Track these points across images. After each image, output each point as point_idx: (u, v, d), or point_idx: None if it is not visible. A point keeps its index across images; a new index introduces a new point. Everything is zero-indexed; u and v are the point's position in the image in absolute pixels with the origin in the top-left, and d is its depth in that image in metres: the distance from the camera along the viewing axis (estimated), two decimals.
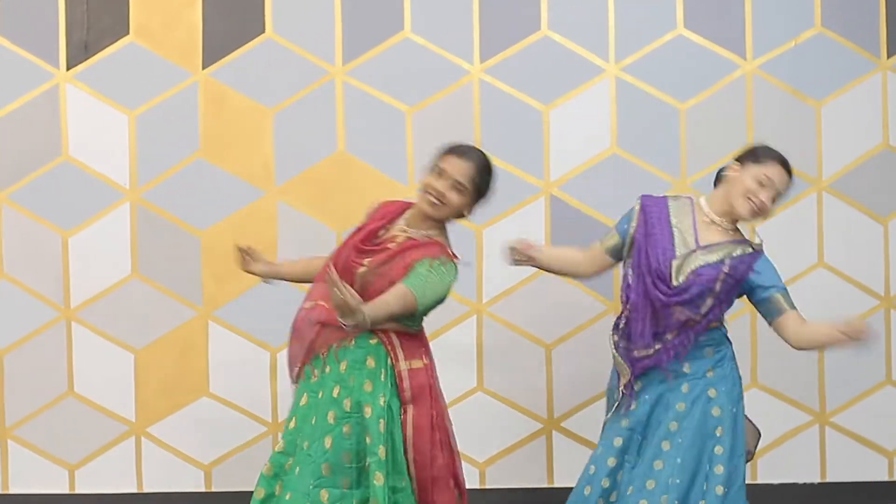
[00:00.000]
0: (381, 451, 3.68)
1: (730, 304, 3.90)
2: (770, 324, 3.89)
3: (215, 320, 5.01)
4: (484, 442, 5.03)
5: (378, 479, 3.67)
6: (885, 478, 5.11)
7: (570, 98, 5.01)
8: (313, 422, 3.76)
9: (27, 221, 5.01)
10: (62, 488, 5.05)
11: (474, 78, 5.01)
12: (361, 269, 3.77)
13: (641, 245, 3.88)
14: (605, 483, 3.88)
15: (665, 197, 3.99)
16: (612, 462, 3.89)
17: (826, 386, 5.06)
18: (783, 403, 5.06)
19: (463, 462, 4.71)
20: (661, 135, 5.01)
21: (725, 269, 3.82)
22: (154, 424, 5.03)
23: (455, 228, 4.91)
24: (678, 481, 3.80)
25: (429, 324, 4.85)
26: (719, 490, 3.82)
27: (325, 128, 5.01)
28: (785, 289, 3.87)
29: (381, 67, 5.01)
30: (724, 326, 3.95)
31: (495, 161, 4.71)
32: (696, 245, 3.86)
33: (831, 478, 5.08)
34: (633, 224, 3.93)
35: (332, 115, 5.01)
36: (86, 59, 5.02)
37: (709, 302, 3.83)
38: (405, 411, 3.77)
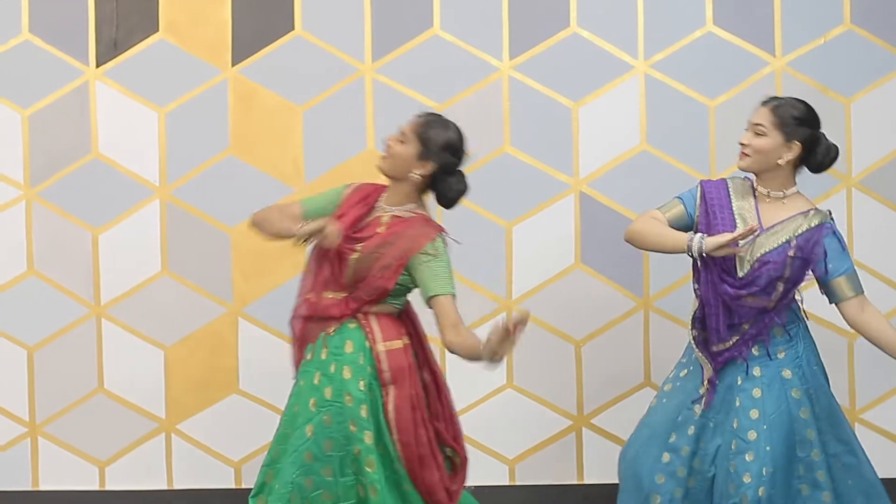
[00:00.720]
0: (368, 436, 3.71)
1: (802, 281, 3.85)
2: (833, 303, 3.89)
3: (245, 317, 5.03)
4: (513, 438, 5.05)
5: (371, 466, 3.70)
6: None
7: (600, 95, 5.02)
8: (296, 410, 3.80)
9: (57, 218, 5.04)
10: (92, 485, 5.08)
11: (503, 75, 5.03)
12: (354, 255, 3.76)
13: (703, 230, 3.86)
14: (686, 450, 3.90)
15: (724, 180, 3.97)
16: (686, 450, 3.90)
17: (856, 382, 5.07)
18: None
19: (493, 458, 4.77)
20: (691, 132, 5.02)
21: (791, 251, 3.79)
22: (184, 421, 5.05)
23: (484, 225, 4.99)
24: (771, 470, 3.77)
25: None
26: (821, 476, 3.83)
27: (354, 125, 5.03)
28: (850, 270, 3.83)
29: (410, 65, 5.03)
30: (797, 303, 3.91)
31: (525, 158, 4.76)
32: (760, 228, 3.81)
33: None
34: (696, 209, 3.90)
35: (362, 113, 5.03)
36: (115, 57, 5.04)
37: (780, 287, 3.81)
38: (386, 393, 3.77)
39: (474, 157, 4.96)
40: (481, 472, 4.80)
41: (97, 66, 5.04)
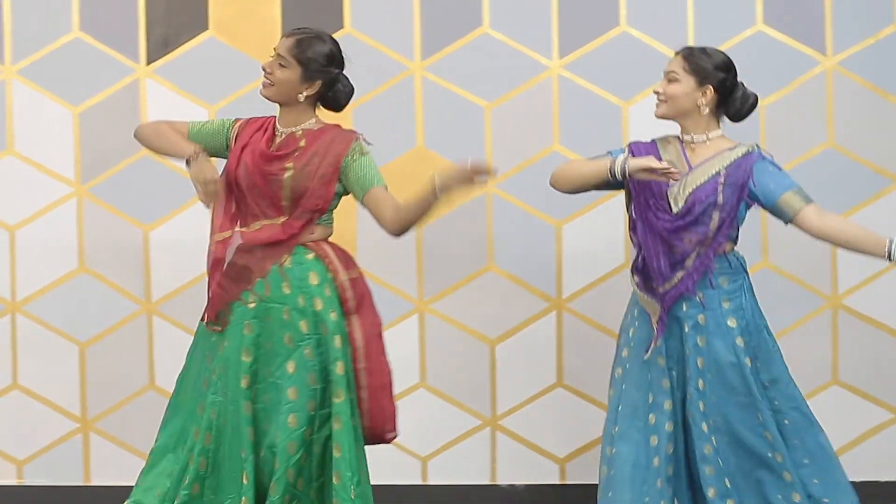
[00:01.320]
0: (339, 366, 3.75)
1: (739, 216, 3.94)
2: (788, 223, 3.98)
3: None
4: (563, 437, 5.07)
5: (339, 396, 3.75)
6: None
7: (650, 94, 4.96)
8: (269, 347, 3.79)
9: (108, 216, 5.08)
10: None
11: (553, 74, 5.04)
12: (288, 174, 3.76)
13: (636, 184, 3.94)
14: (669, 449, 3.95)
15: (653, 140, 4.07)
16: (669, 426, 3.94)
17: None
18: (864, 401, 5.12)
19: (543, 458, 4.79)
20: (740, 131, 4.98)
21: (721, 179, 3.89)
22: None
23: (533, 224, 5.01)
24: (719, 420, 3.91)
25: (507, 321, 4.97)
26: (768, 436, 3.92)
27: (403, 123, 5.06)
28: (795, 184, 3.95)
29: (459, 63, 5.05)
30: (740, 255, 4.02)
31: (575, 157, 4.77)
32: (688, 168, 3.93)
33: None
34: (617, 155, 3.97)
35: (411, 111, 5.05)
36: (165, 54, 5.08)
37: (715, 216, 3.89)
38: (350, 322, 3.81)
39: (524, 155, 5.03)
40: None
41: (147, 63, 5.08)
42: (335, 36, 4.97)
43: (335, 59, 3.88)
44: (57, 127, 5.08)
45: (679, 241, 3.91)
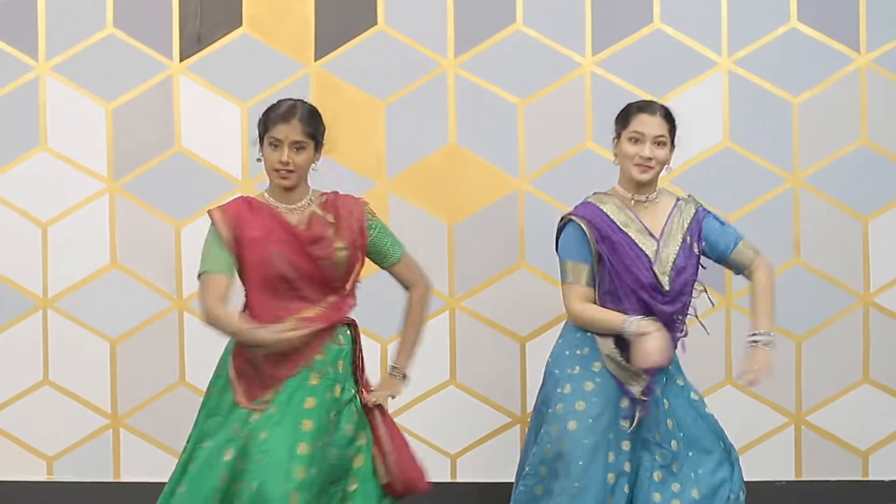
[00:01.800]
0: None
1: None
2: (740, 274, 4.00)
3: None
4: None
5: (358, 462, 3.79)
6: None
7: (683, 91, 5.05)
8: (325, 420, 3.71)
9: (140, 212, 5.09)
10: None
11: (586, 71, 5.05)
12: (342, 254, 3.72)
13: (613, 261, 3.84)
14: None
15: (588, 202, 3.96)
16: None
17: (802, 384, 5.10)
18: (757, 402, 5.10)
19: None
20: (774, 129, 5.04)
21: (692, 245, 3.89)
22: None
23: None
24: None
25: (538, 318, 4.97)
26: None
27: (436, 120, 5.07)
28: (741, 235, 3.97)
29: (492, 60, 5.06)
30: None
31: (607, 154, 4.77)
32: (653, 238, 3.87)
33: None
34: (591, 242, 3.86)
35: (444, 108, 5.07)
36: (199, 51, 5.09)
37: (692, 290, 3.94)
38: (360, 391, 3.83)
39: (556, 152, 5.05)
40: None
41: (181, 60, 5.09)
42: (368, 33, 5.06)
43: (323, 121, 3.84)
44: (90, 123, 5.10)
45: (665, 316, 3.86)
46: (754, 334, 3.87)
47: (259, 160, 3.74)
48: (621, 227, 3.87)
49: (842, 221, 5.05)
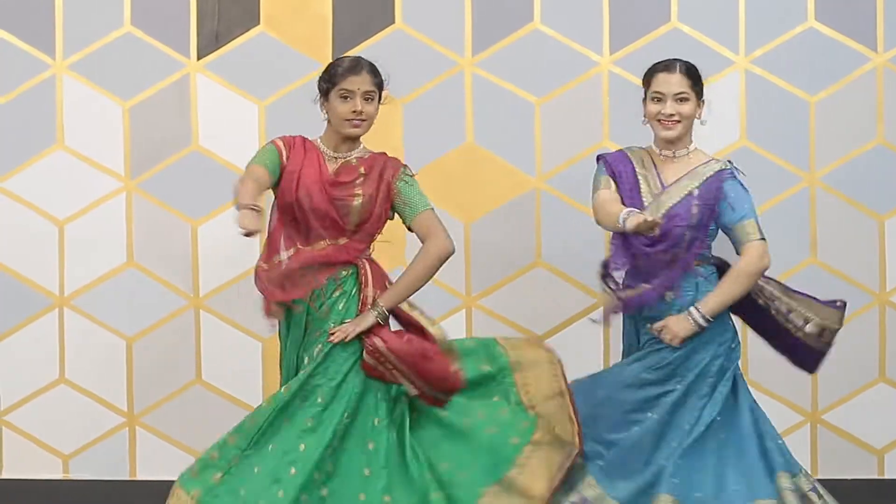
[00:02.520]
0: None
1: (710, 234, 4.02)
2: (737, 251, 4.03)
3: None
4: None
5: None
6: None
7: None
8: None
9: (157, 210, 5.11)
10: None
11: (603, 70, 5.07)
12: (357, 201, 3.92)
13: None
14: None
15: (621, 151, 4.14)
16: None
17: (818, 383, 5.12)
18: (773, 401, 5.10)
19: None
20: (791, 127, 5.06)
21: (696, 199, 3.96)
22: None
23: (581, 220, 5.02)
24: None
25: (555, 317, 4.99)
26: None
27: (453, 119, 5.09)
28: (754, 216, 3.99)
29: (510, 59, 5.09)
30: (712, 266, 4.06)
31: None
32: (661, 187, 4.00)
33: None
34: (611, 180, 4.06)
35: (461, 107, 5.08)
36: (216, 49, 5.11)
37: (688, 235, 3.96)
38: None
39: (573, 151, 5.06)
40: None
41: (198, 58, 5.11)
42: (386, 32, 5.08)
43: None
44: (107, 122, 5.11)
45: (648, 259, 3.98)
46: (694, 308, 3.96)
47: (325, 119, 3.98)
48: (637, 173, 4.04)
49: (858, 220, 5.07)
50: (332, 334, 3.86)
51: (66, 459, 5.17)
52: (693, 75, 4.05)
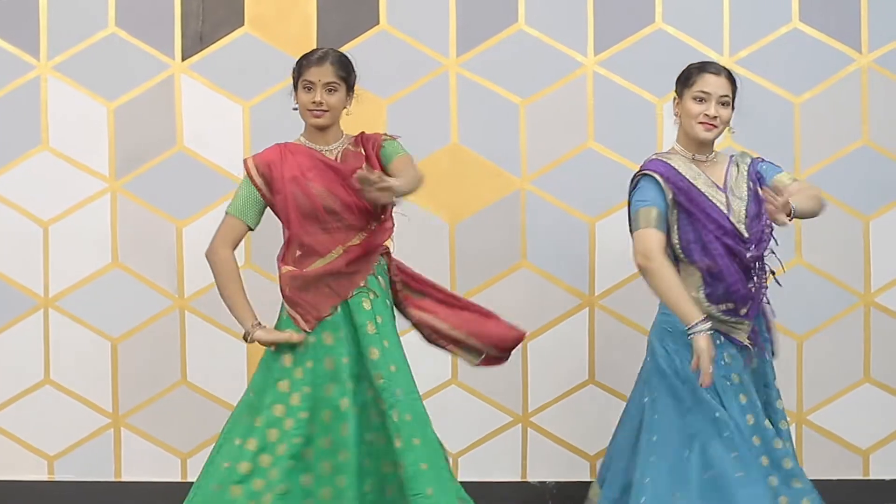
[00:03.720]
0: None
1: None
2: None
3: None
4: (594, 434, 5.10)
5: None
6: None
7: None
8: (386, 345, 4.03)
9: (142, 211, 5.13)
10: (174, 476, 5.18)
11: (588, 70, 5.09)
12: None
13: (691, 210, 3.90)
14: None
15: (656, 159, 4.01)
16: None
17: (803, 383, 5.17)
18: None
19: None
20: (776, 128, 5.08)
21: (757, 193, 3.96)
22: None
23: (567, 220, 5.04)
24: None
25: (540, 317, 5.00)
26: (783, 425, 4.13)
27: (438, 119, 5.12)
28: (783, 170, 4.10)
29: (494, 59, 5.12)
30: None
31: (608, 154, 4.83)
32: (720, 189, 3.96)
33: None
34: (667, 191, 3.91)
35: (446, 107, 5.11)
36: (201, 50, 5.14)
37: (770, 236, 3.98)
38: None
39: (558, 152, 5.09)
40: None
41: (183, 59, 5.13)
42: (371, 33, 5.10)
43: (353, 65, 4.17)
44: (92, 123, 5.14)
45: (747, 263, 3.95)
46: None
47: (295, 108, 4.07)
48: (691, 180, 3.94)
49: (843, 221, 5.10)
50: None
51: (51, 460, 5.19)
52: (734, 81, 4.04)
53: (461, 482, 5.08)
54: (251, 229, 4.12)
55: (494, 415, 5.17)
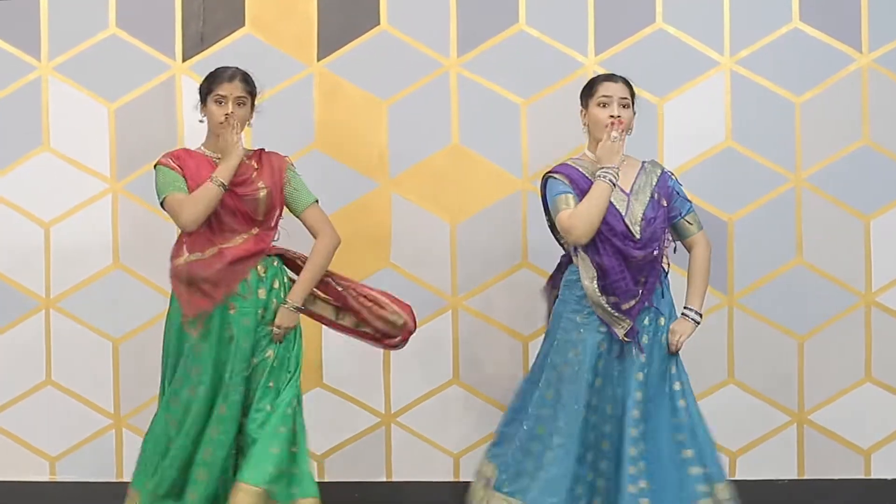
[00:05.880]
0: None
1: (668, 225, 4.27)
2: (683, 244, 4.33)
3: None
4: None
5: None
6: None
7: (685, 91, 5.14)
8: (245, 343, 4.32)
9: (143, 212, 5.18)
10: None
11: (589, 70, 5.14)
12: (263, 193, 4.34)
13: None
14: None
15: (566, 164, 4.30)
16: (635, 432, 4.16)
17: (805, 383, 5.21)
18: (760, 401, 5.20)
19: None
20: (777, 128, 5.13)
21: (656, 199, 4.21)
22: None
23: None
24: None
25: (541, 317, 5.01)
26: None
27: (439, 120, 5.16)
28: (693, 208, 4.31)
29: (495, 60, 5.16)
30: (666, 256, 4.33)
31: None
32: (624, 193, 4.21)
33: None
34: (570, 188, 4.20)
35: (447, 108, 5.15)
36: (202, 51, 5.18)
37: (663, 237, 4.24)
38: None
39: (559, 152, 5.13)
40: None
41: (183, 60, 5.17)
42: (371, 33, 5.14)
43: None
44: (92, 123, 5.19)
45: (638, 262, 4.18)
46: (686, 308, 4.26)
47: (201, 121, 4.38)
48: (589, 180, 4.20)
49: (844, 221, 5.14)
50: (275, 337, 4.33)
51: (52, 461, 5.24)
52: (631, 87, 4.27)
53: (462, 483, 5.17)
54: None
55: (497, 415, 5.19)
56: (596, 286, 4.18)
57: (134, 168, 5.18)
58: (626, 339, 4.18)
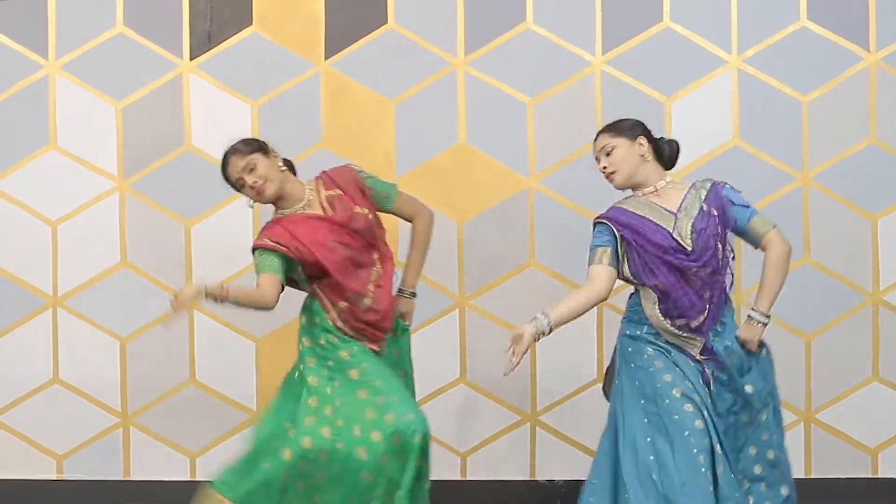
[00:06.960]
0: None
1: (727, 238, 4.17)
2: (757, 247, 4.23)
3: None
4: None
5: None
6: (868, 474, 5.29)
7: (692, 90, 5.15)
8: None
9: (150, 210, 5.20)
10: (183, 475, 5.27)
11: (596, 69, 5.15)
12: (370, 215, 4.26)
13: (636, 240, 4.11)
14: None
15: (613, 206, 4.22)
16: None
17: (812, 382, 5.23)
18: None
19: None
20: (784, 127, 5.14)
21: (706, 210, 4.12)
22: None
23: (574, 219, 5.09)
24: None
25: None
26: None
27: (446, 119, 5.18)
28: (757, 210, 4.20)
29: (502, 59, 5.18)
30: (731, 272, 4.23)
31: None
32: (671, 213, 4.14)
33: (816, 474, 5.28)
34: (616, 231, 4.13)
35: (454, 106, 5.17)
36: (209, 50, 5.21)
37: (719, 247, 4.11)
38: None
39: (566, 150, 5.15)
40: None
41: (191, 59, 5.20)
42: (378, 32, 5.17)
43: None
44: (100, 122, 5.22)
45: (698, 278, 4.11)
46: (753, 310, 4.17)
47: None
48: (642, 214, 4.14)
49: (851, 220, 5.15)
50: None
51: (60, 460, 5.27)
52: (612, 126, 4.18)
53: (470, 481, 5.19)
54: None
55: (503, 413, 5.23)
56: (658, 311, 4.12)
57: (141, 166, 5.21)
58: (701, 356, 4.12)
